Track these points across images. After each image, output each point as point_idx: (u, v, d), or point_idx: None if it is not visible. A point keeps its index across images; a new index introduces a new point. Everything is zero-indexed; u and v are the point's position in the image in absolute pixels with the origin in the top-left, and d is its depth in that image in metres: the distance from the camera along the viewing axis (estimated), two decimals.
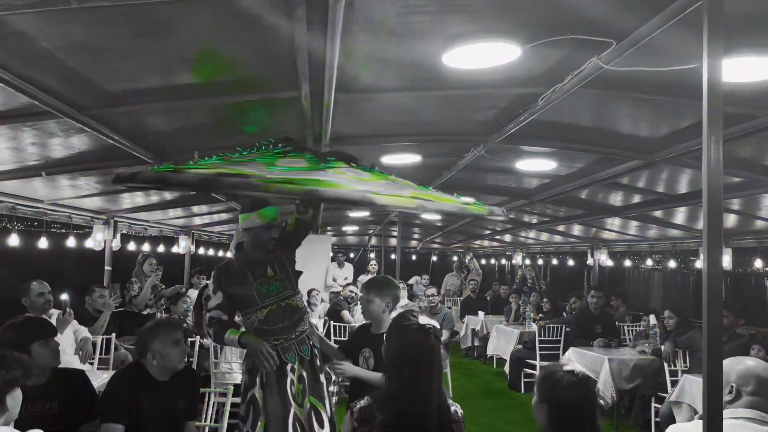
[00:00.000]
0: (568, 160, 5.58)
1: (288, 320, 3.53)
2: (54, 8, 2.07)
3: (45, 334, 3.00)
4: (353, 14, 2.54)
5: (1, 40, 2.51)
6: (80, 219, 7.68)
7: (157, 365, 3.09)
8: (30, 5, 2.02)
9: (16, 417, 2.07)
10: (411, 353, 2.17)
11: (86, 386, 3.20)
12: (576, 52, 2.89)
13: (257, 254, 3.54)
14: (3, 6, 1.99)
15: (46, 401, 2.94)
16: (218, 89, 3.55)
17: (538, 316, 8.96)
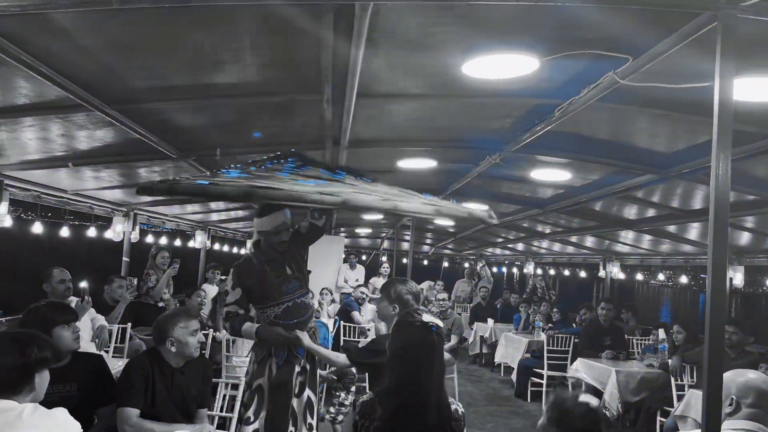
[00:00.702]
0: (582, 172, 5.63)
1: (301, 316, 3.76)
2: (96, 8, 2.18)
3: (67, 318, 3.12)
4: (378, 23, 2.62)
5: (44, 36, 2.64)
6: (101, 210, 7.84)
7: (175, 352, 3.21)
8: (75, 4, 2.14)
9: (42, 398, 2.17)
10: (412, 349, 2.24)
11: (104, 371, 3.31)
12: (593, 66, 2.96)
13: (273, 253, 3.76)
14: (51, 4, 2.11)
15: (66, 383, 3.05)
16: (242, 89, 3.66)
17: (548, 326, 8.99)
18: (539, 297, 11.92)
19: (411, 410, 2.17)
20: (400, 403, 2.17)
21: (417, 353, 2.23)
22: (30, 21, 2.47)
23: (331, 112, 3.87)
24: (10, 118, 3.80)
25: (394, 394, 2.20)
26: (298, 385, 3.73)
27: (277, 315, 3.71)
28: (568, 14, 2.43)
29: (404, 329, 2.33)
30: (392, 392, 2.21)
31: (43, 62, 2.89)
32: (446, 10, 2.58)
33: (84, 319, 4.89)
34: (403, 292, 3.31)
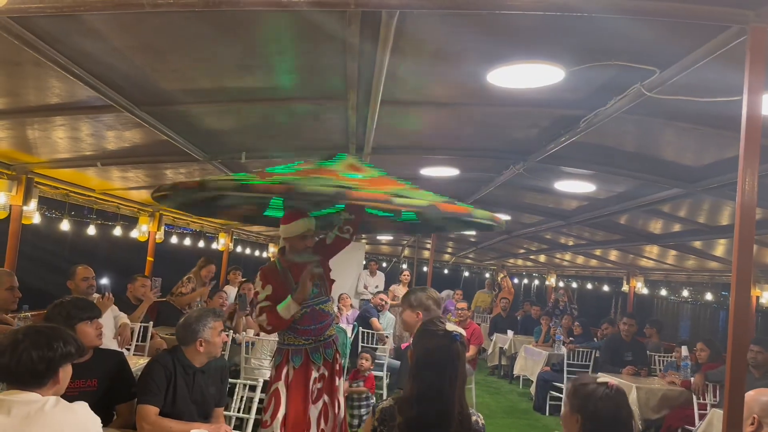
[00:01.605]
0: (608, 184, 5.57)
1: (319, 323, 3.82)
2: (128, 11, 2.23)
3: (90, 314, 3.17)
4: (404, 30, 2.64)
5: (77, 37, 2.71)
6: (127, 210, 7.97)
7: (203, 352, 3.26)
8: (108, 6, 2.19)
9: (63, 392, 2.21)
10: (435, 357, 2.20)
11: (124, 368, 3.36)
12: (619, 77, 2.94)
13: (297, 259, 3.81)
14: (84, 6, 2.16)
15: (87, 378, 3.10)
16: (268, 94, 3.70)
17: (568, 340, 8.89)
18: (561, 310, 11.80)
19: (431, 420, 2.13)
20: (421, 411, 2.14)
21: (440, 362, 2.19)
22: (64, 22, 2.53)
23: (356, 118, 3.89)
24: (42, 117, 3.89)
25: (415, 403, 2.16)
26: (315, 391, 3.76)
27: (296, 320, 3.75)
28: (594, 25, 2.42)
29: (427, 337, 2.28)
30: (413, 400, 2.17)
31: (76, 63, 2.96)
32: (472, 19, 2.59)
33: (107, 317, 4.97)
34: (424, 298, 3.36)
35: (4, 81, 3.37)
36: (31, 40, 2.61)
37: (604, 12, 2.14)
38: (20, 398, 2.02)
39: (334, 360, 3.88)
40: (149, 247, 8.28)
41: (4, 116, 3.88)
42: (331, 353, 3.87)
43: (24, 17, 2.38)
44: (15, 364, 2.05)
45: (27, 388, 2.04)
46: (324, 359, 3.81)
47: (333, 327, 3.96)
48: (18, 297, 3.85)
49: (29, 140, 4.60)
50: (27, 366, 2.06)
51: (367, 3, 2.24)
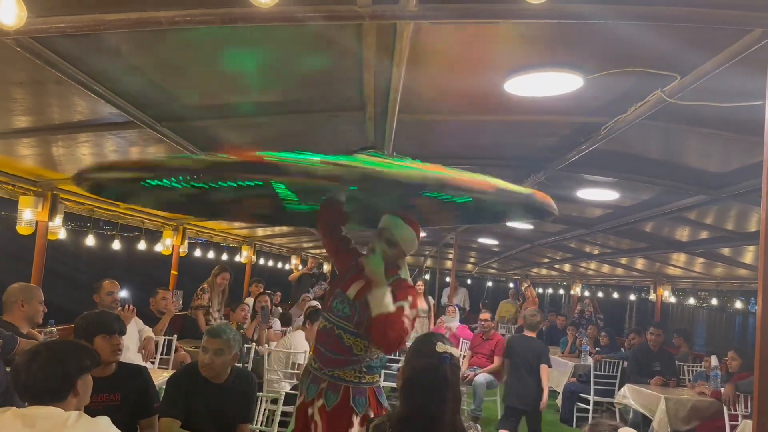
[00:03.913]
0: (632, 191, 5.50)
1: (327, 350, 2.99)
2: (146, 28, 2.26)
3: (110, 329, 3.14)
4: (419, 41, 2.64)
5: (98, 56, 2.76)
6: (151, 224, 8.07)
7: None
8: (126, 24, 2.23)
9: (87, 402, 2.23)
10: (424, 379, 2.13)
11: (147, 382, 3.37)
12: (640, 84, 2.90)
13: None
14: (103, 25, 2.20)
15: (110, 392, 3.12)
16: (286, 107, 3.72)
17: (595, 350, 8.76)
18: (587, 320, 11.64)
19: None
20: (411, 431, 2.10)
21: (428, 384, 2.12)
22: (84, 41, 2.58)
23: (374, 130, 3.90)
24: (66, 134, 3.97)
25: (405, 423, 2.12)
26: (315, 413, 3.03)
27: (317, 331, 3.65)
28: (612, 32, 2.39)
29: (416, 357, 2.19)
30: (404, 419, 2.13)
31: (97, 81, 3.01)
32: (488, 28, 2.58)
33: (131, 330, 5.02)
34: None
35: (28, 100, 3.45)
36: (52, 59, 2.66)
37: (621, 19, 2.12)
38: (43, 413, 2.04)
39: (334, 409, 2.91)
40: (173, 261, 8.37)
41: (29, 134, 3.96)
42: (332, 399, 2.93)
43: (45, 37, 2.43)
44: (32, 381, 2.08)
45: (48, 404, 2.06)
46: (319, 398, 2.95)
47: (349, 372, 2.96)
48: (44, 311, 3.91)
49: (54, 157, 4.69)
50: (43, 383, 2.08)
51: (381, 15, 2.25)
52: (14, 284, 3.76)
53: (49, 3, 2.20)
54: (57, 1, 2.22)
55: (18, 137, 4.04)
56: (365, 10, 2.19)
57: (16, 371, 2.13)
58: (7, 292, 3.70)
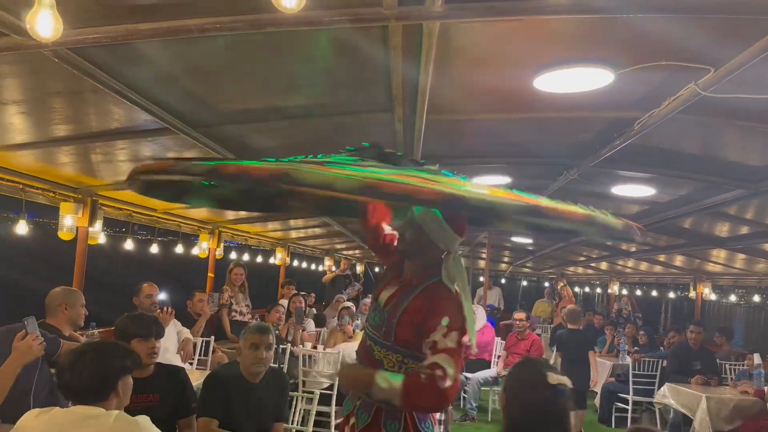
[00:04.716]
0: (668, 187, 5.39)
1: (361, 363, 2.66)
2: (178, 37, 2.31)
3: (146, 332, 3.21)
4: (447, 40, 2.64)
5: (131, 65, 2.83)
6: (188, 228, 8.22)
7: (241, 365, 3.33)
8: (158, 33, 2.28)
9: (127, 402, 2.29)
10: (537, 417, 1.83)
11: (185, 382, 3.44)
12: (673, 77, 2.84)
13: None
14: (136, 34, 2.26)
15: (149, 393, 3.19)
16: (315, 110, 3.76)
17: (633, 349, 8.61)
18: (624, 319, 11.44)
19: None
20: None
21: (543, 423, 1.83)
22: (118, 50, 2.65)
23: (403, 130, 3.90)
24: (104, 141, 4.07)
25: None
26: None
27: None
28: (642, 26, 2.35)
29: (525, 389, 1.87)
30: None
31: (132, 89, 3.08)
32: (515, 25, 2.56)
33: (170, 332, 5.13)
34: None
35: (67, 109, 3.55)
36: (89, 69, 2.74)
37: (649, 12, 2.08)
38: (87, 412, 2.11)
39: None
40: (210, 264, 8.50)
41: (68, 142, 4.08)
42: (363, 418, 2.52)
43: (81, 48, 2.50)
44: (76, 381, 2.15)
45: (91, 403, 2.13)
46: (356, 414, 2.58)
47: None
48: (86, 314, 4.01)
49: (93, 164, 4.82)
50: (86, 383, 2.15)
51: (407, 17, 2.26)
52: (56, 288, 3.86)
53: (83, 14, 2.27)
54: (91, 12, 2.28)
55: (58, 145, 4.17)
56: (391, 12, 2.20)
57: (60, 372, 2.20)
58: (49, 296, 3.81)
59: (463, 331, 2.30)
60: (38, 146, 4.13)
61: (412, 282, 2.49)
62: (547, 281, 17.61)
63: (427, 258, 2.50)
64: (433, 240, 2.46)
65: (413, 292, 2.45)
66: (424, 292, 2.43)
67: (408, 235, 2.49)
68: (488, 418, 7.46)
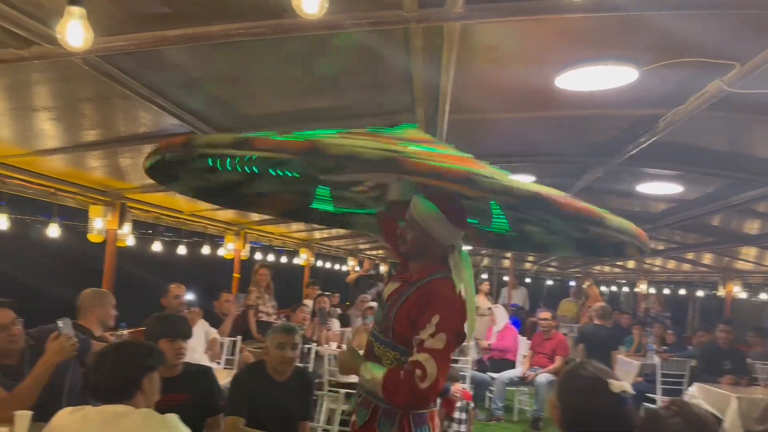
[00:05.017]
0: (696, 184, 5.31)
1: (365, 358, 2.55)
2: (203, 43, 2.36)
3: (174, 333, 3.26)
4: (468, 40, 2.64)
5: (158, 70, 2.90)
6: (214, 229, 8.33)
7: (269, 365, 3.37)
8: (183, 40, 2.33)
9: (155, 399, 2.34)
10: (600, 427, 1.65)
11: (213, 382, 3.49)
12: (698, 74, 2.81)
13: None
14: (163, 41, 2.32)
15: (177, 392, 3.25)
16: (338, 113, 3.79)
17: (661, 349, 8.49)
18: (652, 318, 11.29)
19: None
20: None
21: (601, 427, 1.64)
22: (146, 57, 2.71)
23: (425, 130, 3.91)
24: (132, 146, 4.16)
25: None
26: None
27: None
28: (665, 22, 2.34)
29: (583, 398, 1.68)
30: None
31: (159, 94, 3.15)
32: (536, 24, 2.56)
33: (198, 332, 5.21)
34: None
35: (97, 114, 3.64)
36: (118, 75, 2.81)
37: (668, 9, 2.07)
38: (116, 410, 2.15)
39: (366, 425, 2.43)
40: (235, 265, 8.60)
41: (98, 147, 4.17)
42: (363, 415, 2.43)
43: (110, 55, 2.57)
44: (100, 382, 2.19)
45: (117, 402, 2.17)
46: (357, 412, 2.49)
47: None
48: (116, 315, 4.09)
49: (121, 168, 4.92)
50: (110, 383, 2.19)
51: (428, 18, 2.27)
52: (87, 289, 3.94)
53: (112, 23, 2.33)
54: (119, 20, 2.35)
55: (87, 150, 4.27)
56: (412, 15, 2.22)
57: (86, 373, 2.26)
58: (80, 297, 3.89)
59: (456, 333, 2.21)
60: (68, 151, 4.24)
61: (413, 278, 2.43)
62: (573, 280, 17.46)
63: (430, 256, 2.42)
64: (435, 237, 2.39)
65: (413, 288, 2.38)
66: (422, 288, 2.35)
67: (409, 235, 2.43)
68: (514, 418, 7.43)
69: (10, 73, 2.85)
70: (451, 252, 2.40)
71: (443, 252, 2.40)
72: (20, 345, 3.05)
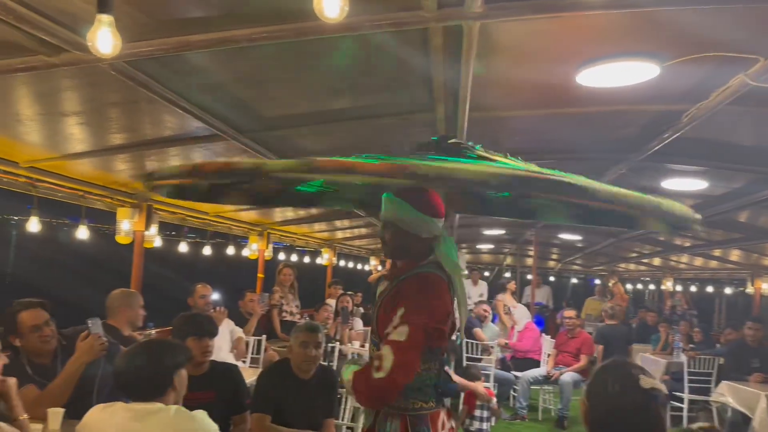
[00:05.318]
0: (722, 180, 5.24)
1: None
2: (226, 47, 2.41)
3: (201, 331, 3.32)
4: (488, 38, 2.65)
5: (183, 75, 2.95)
6: (238, 230, 8.43)
7: (292, 363, 3.42)
8: (208, 44, 2.38)
9: (184, 393, 2.40)
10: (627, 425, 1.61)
11: (239, 380, 3.55)
12: (720, 68, 2.78)
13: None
14: (188, 46, 2.37)
15: (204, 390, 3.31)
16: (358, 113, 3.82)
17: (688, 347, 8.38)
18: (679, 316, 11.14)
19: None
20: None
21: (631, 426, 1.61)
22: (171, 62, 2.77)
23: (446, 130, 3.93)
24: (157, 149, 4.24)
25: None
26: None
27: None
28: (687, 17, 2.32)
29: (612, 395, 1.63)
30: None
31: (184, 97, 3.21)
32: (556, 21, 2.56)
33: (223, 331, 5.28)
34: None
35: (123, 119, 3.72)
36: (144, 80, 2.87)
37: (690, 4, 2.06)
38: (148, 407, 2.21)
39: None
40: (259, 265, 8.70)
41: (125, 150, 4.26)
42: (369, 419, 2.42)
43: (136, 60, 2.63)
44: (134, 380, 2.25)
45: (150, 400, 2.22)
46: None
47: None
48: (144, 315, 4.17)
49: (148, 170, 5.00)
50: (144, 380, 2.25)
51: (447, 18, 2.29)
52: (116, 290, 4.03)
53: (138, 29, 2.39)
54: (145, 26, 2.40)
55: (114, 153, 4.36)
56: (431, 15, 2.24)
57: (117, 372, 2.31)
58: (109, 298, 3.98)
59: (422, 328, 2.11)
60: (96, 154, 4.33)
61: (398, 274, 2.37)
62: (598, 278, 17.28)
63: (413, 252, 2.35)
64: (412, 232, 2.32)
65: (392, 286, 2.34)
66: (398, 284, 2.30)
67: (386, 236, 2.38)
68: (539, 417, 7.40)
69: (39, 79, 2.94)
70: (435, 243, 2.33)
71: (426, 245, 2.34)
72: (53, 345, 3.13)
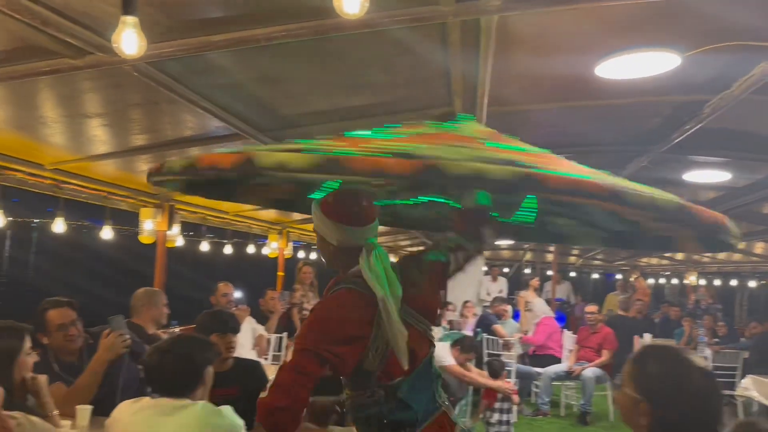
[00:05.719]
0: (745, 171, 5.17)
1: None
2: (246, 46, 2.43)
3: (224, 328, 3.35)
4: (505, 32, 2.65)
5: (203, 75, 2.98)
6: (258, 229, 8.48)
7: None
8: (228, 44, 2.41)
9: (209, 387, 2.43)
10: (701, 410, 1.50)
11: (262, 376, 3.57)
12: (743, 58, 2.75)
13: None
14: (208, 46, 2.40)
15: (228, 386, 3.34)
16: (376, 109, 3.83)
17: (713, 341, 8.28)
18: (703, 310, 11.00)
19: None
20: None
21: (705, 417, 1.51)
22: (192, 62, 2.79)
23: None
24: (178, 149, 4.28)
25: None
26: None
27: None
28: (707, 6, 2.30)
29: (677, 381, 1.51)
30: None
31: (204, 97, 3.24)
32: (574, 12, 2.55)
33: (245, 329, 5.33)
34: None
35: (145, 119, 3.77)
36: (165, 81, 2.90)
37: None
38: (175, 403, 2.24)
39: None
40: (279, 263, 8.75)
41: (146, 151, 4.31)
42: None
43: (158, 61, 2.66)
44: (166, 376, 2.28)
45: (180, 396, 2.26)
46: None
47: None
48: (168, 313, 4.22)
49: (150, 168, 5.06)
50: (177, 377, 2.28)
51: (465, 12, 2.29)
52: (140, 289, 4.07)
53: (160, 29, 2.42)
54: (166, 27, 2.43)
55: (137, 154, 4.41)
56: (449, 9, 2.24)
57: (148, 369, 2.34)
58: (134, 297, 4.02)
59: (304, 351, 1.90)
60: (119, 155, 4.39)
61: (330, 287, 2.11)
62: (619, 274, 17.12)
63: (344, 264, 2.07)
64: (328, 240, 2.06)
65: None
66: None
67: (318, 246, 2.14)
68: (561, 413, 7.36)
69: (63, 82, 2.98)
70: (364, 254, 1.99)
71: (351, 256, 2.02)
72: (79, 344, 3.17)
